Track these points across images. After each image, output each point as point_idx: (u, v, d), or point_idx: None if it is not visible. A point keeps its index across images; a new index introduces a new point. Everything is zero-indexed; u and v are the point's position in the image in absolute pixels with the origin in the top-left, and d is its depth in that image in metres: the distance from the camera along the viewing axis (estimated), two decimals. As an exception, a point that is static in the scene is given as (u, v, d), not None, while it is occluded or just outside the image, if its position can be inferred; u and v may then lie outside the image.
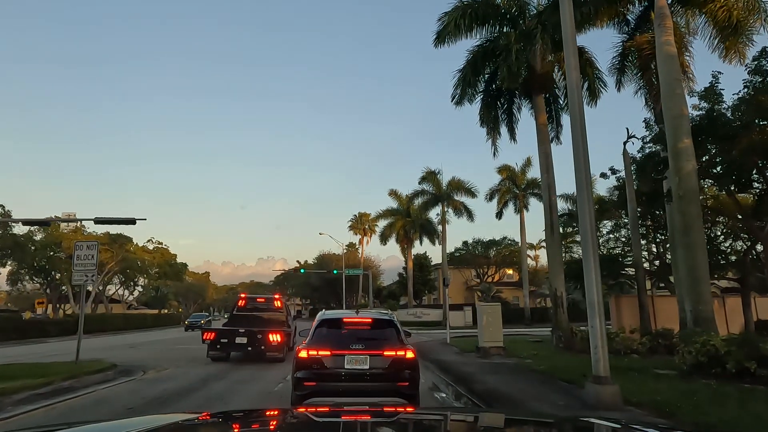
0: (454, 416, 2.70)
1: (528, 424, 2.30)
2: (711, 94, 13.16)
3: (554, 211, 17.70)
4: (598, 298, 8.16)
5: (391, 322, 8.22)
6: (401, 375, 7.37)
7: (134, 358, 17.06)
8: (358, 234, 66.81)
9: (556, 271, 17.17)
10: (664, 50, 12.66)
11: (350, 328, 7.91)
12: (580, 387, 9.86)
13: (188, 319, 50.97)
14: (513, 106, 19.97)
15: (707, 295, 11.51)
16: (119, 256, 54.00)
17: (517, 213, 44.23)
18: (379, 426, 2.14)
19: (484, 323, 17.31)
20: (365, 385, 7.23)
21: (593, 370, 8.23)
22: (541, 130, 18.04)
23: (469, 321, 44.78)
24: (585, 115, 9.01)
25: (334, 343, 7.50)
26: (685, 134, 12.05)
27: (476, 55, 18.31)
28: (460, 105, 18.55)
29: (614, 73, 18.68)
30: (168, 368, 14.31)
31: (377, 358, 7.36)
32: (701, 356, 10.45)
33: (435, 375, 13.26)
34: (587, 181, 8.55)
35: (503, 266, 58.58)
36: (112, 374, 11.98)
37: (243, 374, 13.22)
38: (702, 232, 12.21)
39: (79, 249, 13.50)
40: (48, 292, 54.55)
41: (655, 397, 8.31)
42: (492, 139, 19.84)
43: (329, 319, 8.18)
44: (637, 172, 18.34)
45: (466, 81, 18.16)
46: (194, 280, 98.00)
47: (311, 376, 7.31)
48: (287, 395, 8.23)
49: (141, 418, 2.34)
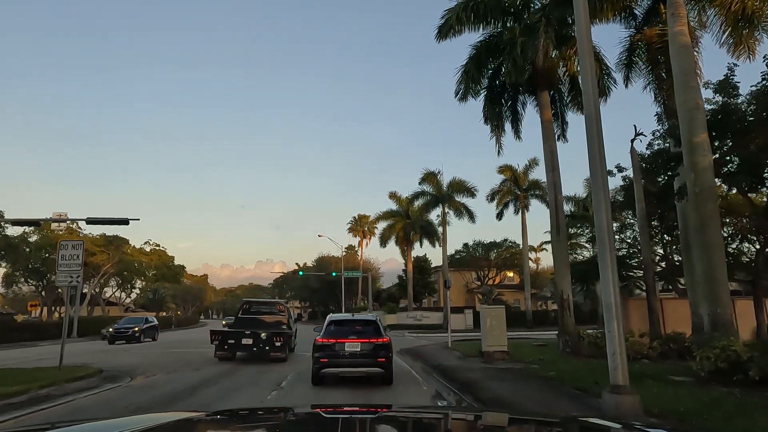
0: (455, 415, 2.68)
1: (528, 423, 2.26)
2: (726, 87, 12.57)
3: (560, 211, 17.09)
4: (615, 299, 7.55)
5: (374, 321, 12.16)
6: (380, 354, 11.13)
7: (125, 363, 16.41)
8: (357, 236, 66.23)
9: (563, 272, 16.54)
10: (677, 40, 12.07)
11: (348, 325, 11.77)
12: (594, 395, 9.25)
13: (114, 325, 32.42)
14: (517, 103, 19.38)
15: (726, 297, 10.89)
16: (116, 257, 53.24)
17: (517, 214, 43.60)
18: (379, 425, 2.13)
19: (487, 327, 16.68)
20: (357, 360, 11.10)
21: (611, 378, 7.60)
22: (546, 127, 17.45)
23: (470, 324, 44.15)
24: (597, 107, 8.42)
25: (338, 335, 11.31)
26: (701, 128, 11.46)
27: (480, 50, 17.74)
28: (463, 100, 17.96)
29: (621, 69, 18.14)
30: (157, 374, 13.67)
31: (365, 344, 11.17)
32: (721, 362, 9.83)
33: (437, 381, 12.63)
34: (603, 176, 7.95)
35: (504, 268, 57.93)
36: (96, 381, 11.31)
37: (236, 380, 12.59)
38: (719, 230, 11.60)
39: (63, 249, 12.85)
40: (44, 295, 53.83)
41: (678, 407, 7.70)
42: (496, 137, 19.25)
43: (335, 320, 12.19)
44: (645, 169, 17.77)
45: (469, 76, 17.56)
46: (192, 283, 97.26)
47: (324, 355, 11.13)
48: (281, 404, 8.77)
49: (140, 417, 2.35)
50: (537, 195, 42.65)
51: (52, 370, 11.90)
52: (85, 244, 50.46)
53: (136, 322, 33.43)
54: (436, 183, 43.47)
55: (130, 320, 34.57)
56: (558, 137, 18.65)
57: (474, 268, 58.21)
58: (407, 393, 10.80)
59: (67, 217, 22.07)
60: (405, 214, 49.35)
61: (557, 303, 17.00)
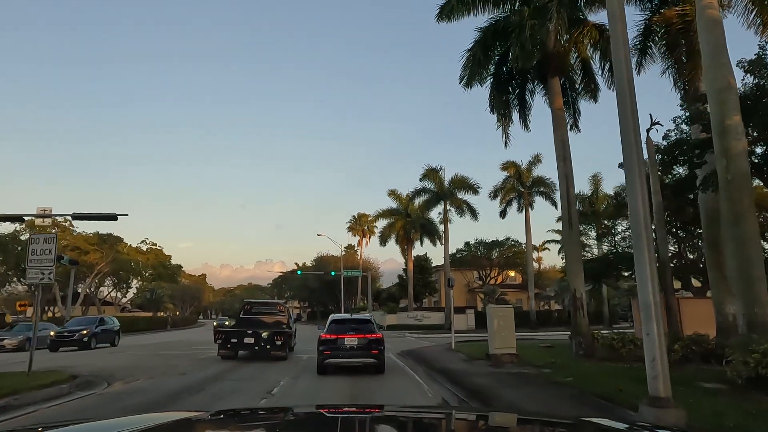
0: (459, 415, 2.64)
1: (533, 423, 2.20)
2: (759, 66, 11.51)
3: (572, 205, 16.04)
4: (655, 298, 6.48)
5: (369, 319, 14.61)
6: (373, 347, 13.15)
7: (106, 366, 15.34)
8: (356, 235, 65.29)
9: (576, 270, 15.48)
10: (706, 14, 11.02)
11: (347, 323, 13.96)
12: (623, 406, 8.21)
13: (60, 328, 27.36)
14: (525, 91, 18.32)
15: (764, 295, 9.83)
16: (110, 256, 52.09)
17: (521, 212, 42.60)
18: (380, 425, 2.11)
19: (495, 328, 15.63)
20: (354, 352, 13.08)
21: (649, 388, 6.53)
22: (557, 115, 16.40)
23: (471, 324, 43.12)
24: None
25: (339, 331, 13.34)
26: (734, 109, 10.40)
27: (486, 33, 16.68)
28: (469, 87, 16.87)
29: (635, 55, 17.10)
30: (139, 379, 12.60)
31: (361, 339, 13.14)
32: (762, 368, 8.80)
33: (444, 388, 11.58)
34: (638, 150, 6.87)
35: (506, 268, 56.93)
36: (67, 388, 10.17)
37: (225, 386, 11.53)
38: (756, 221, 10.54)
39: (35, 243, 11.74)
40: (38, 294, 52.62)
41: (726, 422, 6.66)
42: (503, 127, 18.19)
43: (336, 319, 14.50)
44: (660, 161, 16.74)
45: (475, 60, 16.48)
46: (190, 282, 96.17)
47: (327, 348, 13.14)
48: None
49: (139, 417, 2.19)
50: (541, 192, 41.64)
51: (19, 376, 10.78)
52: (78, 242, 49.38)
53: (87, 323, 27.47)
54: (437, 179, 42.41)
55: (80, 321, 28.75)
56: (570, 126, 17.60)
57: (475, 268, 57.21)
58: (410, 400, 9.85)
59: (51, 212, 20.93)
60: (405, 212, 48.36)
61: (570, 302, 15.96)
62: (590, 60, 17.45)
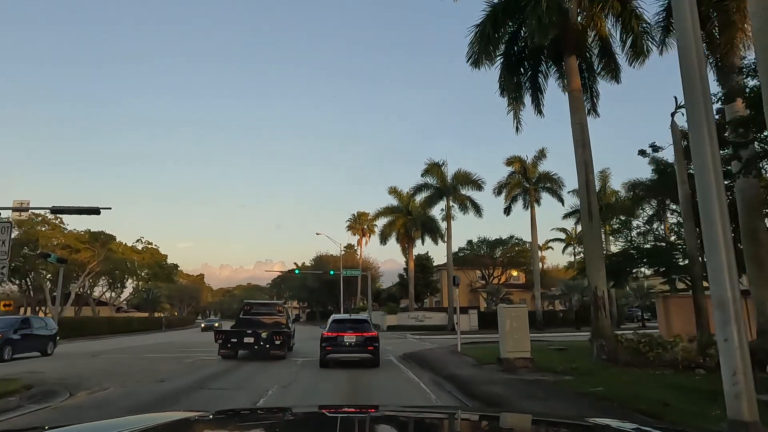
0: (464, 415, 2.56)
1: (537, 424, 2.16)
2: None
3: (592, 194, 14.60)
4: (733, 294, 5.08)
5: (366, 319, 16.52)
6: (370, 344, 14.68)
7: (78, 372, 13.88)
8: (356, 234, 63.98)
9: (597, 266, 14.04)
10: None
11: (347, 323, 15.45)
12: (678, 423, 6.77)
13: None
14: (538, 73, 16.88)
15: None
16: (102, 254, 50.59)
17: (526, 209, 41.08)
18: (380, 425, 2.08)
19: (507, 329, 14.20)
20: (353, 348, 14.61)
21: (729, 410, 5.12)
22: (574, 97, 14.99)
23: (474, 325, 41.73)
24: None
25: (339, 330, 14.90)
26: (791, 77, 8.96)
27: (497, 8, 15.25)
28: (477, 67, 15.37)
29: (658, 33, 15.70)
30: (110, 387, 11.14)
31: (359, 336, 14.70)
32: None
33: (453, 398, 10.18)
34: (708, 113, 5.48)
35: (510, 267, 55.46)
36: (16, 401, 8.66)
37: (207, 396, 10.13)
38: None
39: (-16, 233, 10.31)
40: (31, 294, 51.13)
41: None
42: (514, 111, 16.75)
43: (337, 319, 16.12)
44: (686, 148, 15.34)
45: (484, 36, 15.00)
46: (188, 282, 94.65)
47: (328, 344, 14.61)
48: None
49: (139, 417, 2.14)
50: (547, 188, 40.19)
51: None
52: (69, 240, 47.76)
53: (1, 326, 19.63)
54: (440, 175, 40.94)
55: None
56: (588, 111, 16.16)
57: (478, 267, 55.78)
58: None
59: (29, 205, 19.52)
60: (406, 210, 46.94)
61: (591, 301, 14.50)
62: (609, 38, 16.04)
